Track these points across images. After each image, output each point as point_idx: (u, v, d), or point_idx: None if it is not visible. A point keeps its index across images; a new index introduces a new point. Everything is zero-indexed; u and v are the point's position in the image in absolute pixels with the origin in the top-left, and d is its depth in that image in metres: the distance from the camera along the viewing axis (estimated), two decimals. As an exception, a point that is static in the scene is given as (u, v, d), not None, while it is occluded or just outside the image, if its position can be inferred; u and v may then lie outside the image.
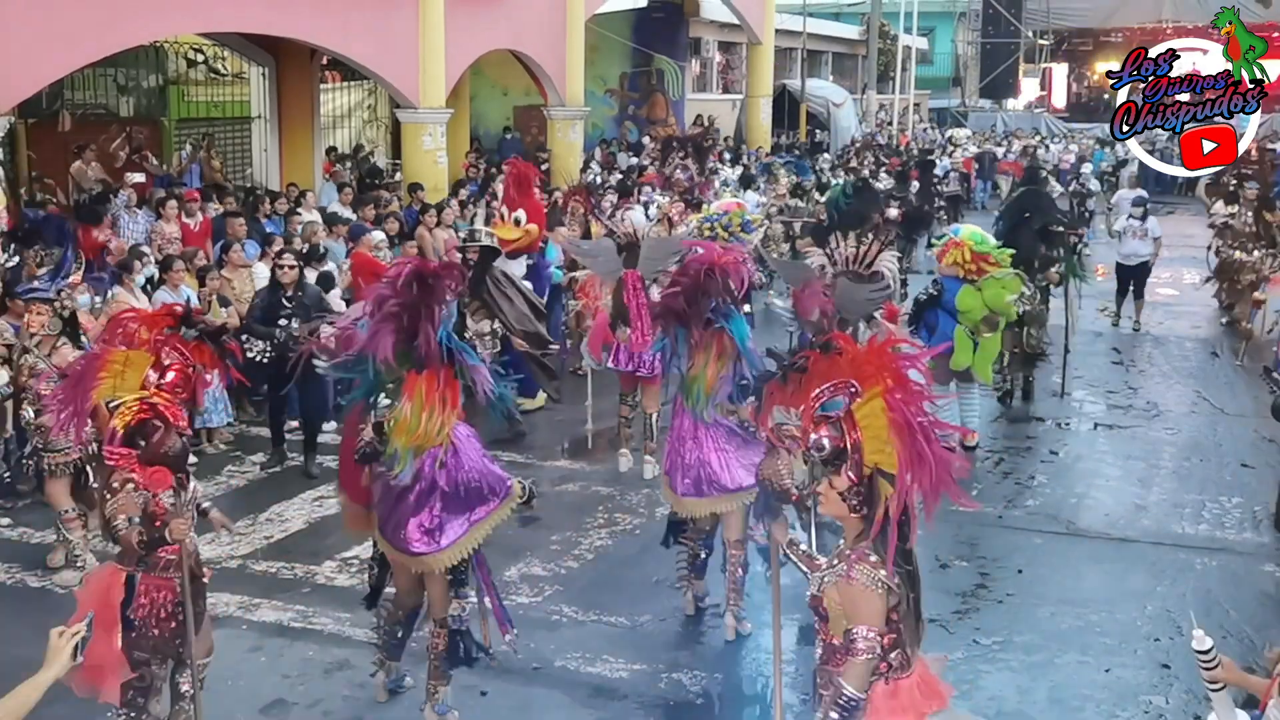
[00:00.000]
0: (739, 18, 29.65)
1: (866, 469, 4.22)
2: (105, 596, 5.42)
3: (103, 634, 5.26)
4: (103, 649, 5.28)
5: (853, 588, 4.22)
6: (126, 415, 5.32)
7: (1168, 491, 9.99)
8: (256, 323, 10.12)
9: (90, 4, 13.35)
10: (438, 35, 18.19)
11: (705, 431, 7.15)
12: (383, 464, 5.93)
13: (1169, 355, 15.03)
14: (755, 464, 6.39)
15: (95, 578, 5.69)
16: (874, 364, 4.25)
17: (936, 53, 51.16)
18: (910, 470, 4.13)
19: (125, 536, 5.30)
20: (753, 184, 21.00)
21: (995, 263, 10.65)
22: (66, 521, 8.04)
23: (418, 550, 5.96)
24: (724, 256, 7.30)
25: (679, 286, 7.18)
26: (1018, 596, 7.95)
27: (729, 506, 7.20)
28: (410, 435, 5.73)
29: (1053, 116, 44.14)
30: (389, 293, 5.72)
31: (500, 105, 27.59)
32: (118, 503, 5.31)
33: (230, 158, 21.40)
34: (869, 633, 4.20)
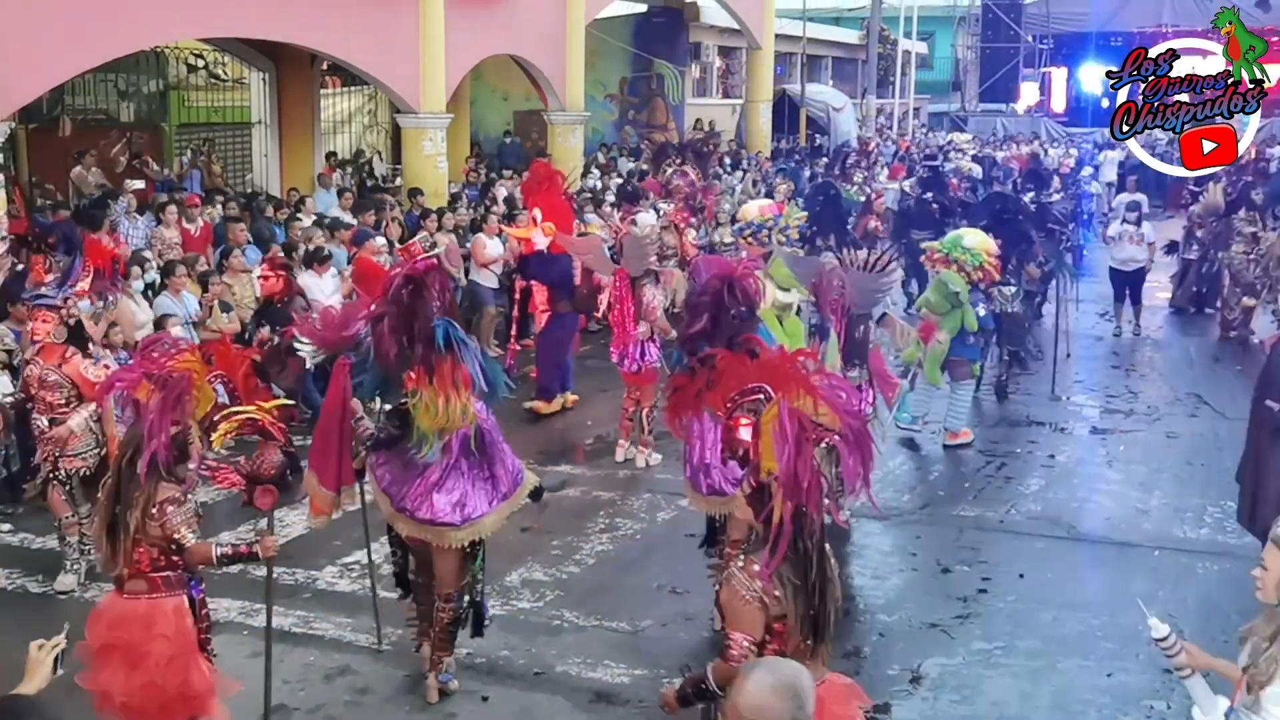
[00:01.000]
0: (739, 23, 29.65)
1: (763, 475, 4.24)
2: (178, 626, 5.35)
3: (192, 664, 5.33)
4: (196, 676, 5.34)
5: (731, 593, 4.23)
6: (230, 429, 5.37)
7: (1169, 496, 9.98)
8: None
9: (91, 10, 13.37)
10: (438, 40, 18.21)
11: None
12: (409, 446, 6.14)
13: (1170, 359, 15.02)
14: None
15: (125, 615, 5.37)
16: (784, 371, 4.32)
17: (936, 57, 51.14)
18: (782, 482, 4.14)
19: (198, 549, 5.31)
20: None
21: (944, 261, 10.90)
22: (67, 528, 8.04)
23: (444, 520, 6.18)
24: (737, 270, 7.40)
25: (701, 310, 7.25)
26: (1020, 601, 7.94)
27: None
28: (434, 419, 5.99)
29: (1052, 121, 44.10)
30: (382, 305, 6.07)
31: (500, 110, 27.61)
32: (179, 517, 5.30)
33: (231, 163, 21.42)
34: (744, 641, 4.19)
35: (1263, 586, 4.10)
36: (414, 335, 6.02)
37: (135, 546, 5.31)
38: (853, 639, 7.46)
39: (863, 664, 7.12)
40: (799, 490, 4.14)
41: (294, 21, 16.35)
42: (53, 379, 7.85)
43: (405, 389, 6.13)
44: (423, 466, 6.17)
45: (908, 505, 9.75)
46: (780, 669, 3.44)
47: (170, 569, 5.38)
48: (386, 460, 6.33)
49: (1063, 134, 40.88)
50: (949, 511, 9.65)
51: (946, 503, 9.87)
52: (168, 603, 5.37)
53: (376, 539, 7.29)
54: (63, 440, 7.86)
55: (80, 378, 7.84)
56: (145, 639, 5.31)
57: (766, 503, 4.21)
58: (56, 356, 7.89)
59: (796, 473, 4.12)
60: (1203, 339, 16.14)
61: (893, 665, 7.11)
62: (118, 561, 5.37)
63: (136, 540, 5.30)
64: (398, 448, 6.25)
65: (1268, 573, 4.08)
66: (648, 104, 29.82)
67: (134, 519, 5.27)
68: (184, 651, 5.36)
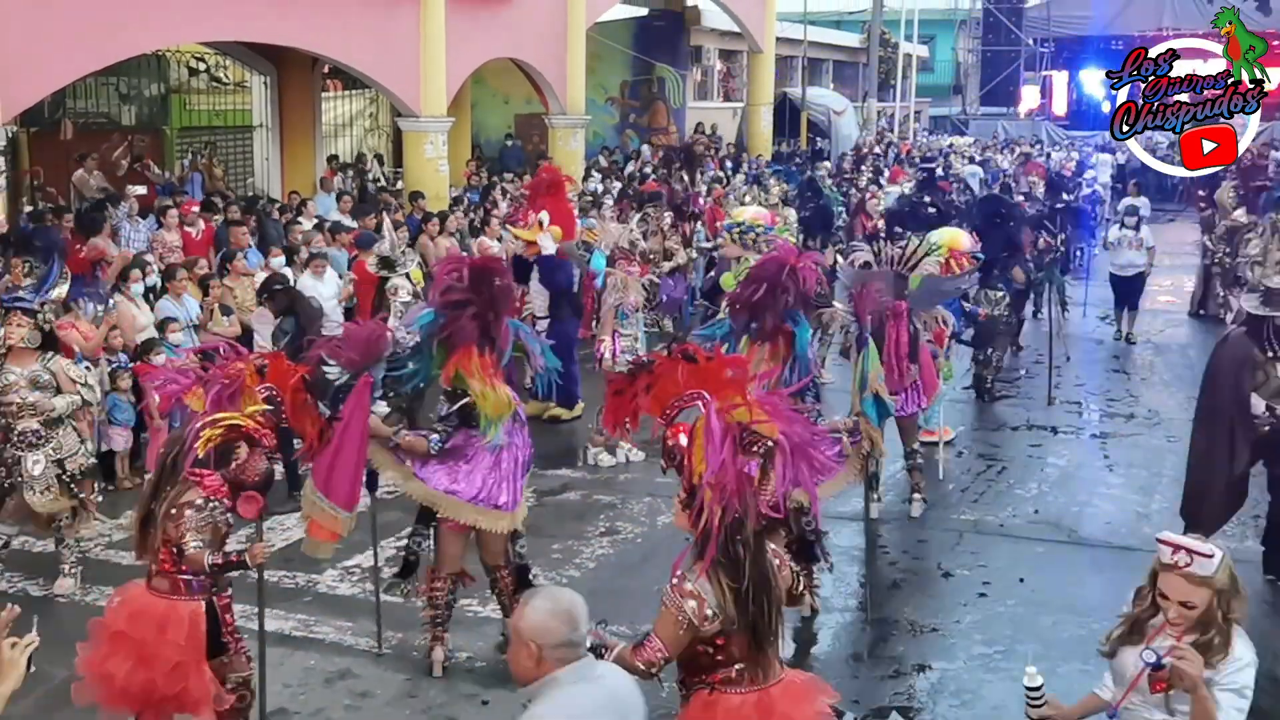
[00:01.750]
0: (740, 26, 29.68)
1: (695, 479, 4.25)
2: (191, 634, 5.39)
3: (193, 669, 5.36)
4: (196, 683, 5.37)
5: (664, 609, 4.26)
6: (213, 436, 5.38)
7: (1169, 500, 9.95)
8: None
9: (92, 13, 13.39)
10: (439, 44, 18.23)
11: None
12: (474, 434, 6.55)
13: (1170, 363, 15.02)
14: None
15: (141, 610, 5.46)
16: (721, 378, 4.37)
17: (937, 60, 51.13)
18: (711, 485, 4.15)
19: (197, 556, 5.30)
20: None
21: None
22: (66, 530, 8.06)
23: (503, 505, 6.63)
24: (801, 259, 7.50)
25: (759, 279, 7.38)
26: (1020, 605, 7.94)
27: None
28: (494, 406, 6.46)
29: (1054, 124, 44.10)
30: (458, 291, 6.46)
31: (501, 113, 27.61)
32: (193, 522, 5.34)
33: (232, 166, 21.44)
34: (661, 651, 4.25)
35: (1184, 622, 4.01)
36: (490, 324, 6.48)
37: (163, 545, 5.41)
38: (853, 643, 7.47)
39: (862, 668, 7.13)
40: (727, 494, 4.14)
41: (295, 25, 16.36)
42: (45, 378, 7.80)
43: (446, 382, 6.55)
44: (486, 457, 6.58)
45: (908, 509, 9.74)
46: (557, 595, 3.70)
47: (192, 573, 5.43)
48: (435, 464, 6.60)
49: (1064, 137, 40.86)
50: (949, 516, 9.65)
51: (946, 507, 9.87)
52: (185, 608, 5.43)
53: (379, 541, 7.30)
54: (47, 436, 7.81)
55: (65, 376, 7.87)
56: (157, 640, 5.36)
57: (699, 509, 4.21)
58: (28, 359, 7.77)
59: (725, 476, 4.13)
60: (1203, 342, 16.12)
61: (893, 669, 7.11)
62: (145, 552, 5.54)
63: (165, 538, 5.40)
64: (452, 445, 6.58)
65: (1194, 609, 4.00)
66: (649, 107, 29.83)
67: (161, 515, 5.41)
68: (190, 659, 5.39)
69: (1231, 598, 4.02)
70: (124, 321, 10.39)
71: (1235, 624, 4.04)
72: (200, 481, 5.38)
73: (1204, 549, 4.01)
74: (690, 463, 4.27)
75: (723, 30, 31.19)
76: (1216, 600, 4.00)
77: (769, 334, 7.34)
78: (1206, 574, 3.99)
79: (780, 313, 7.32)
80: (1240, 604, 4.06)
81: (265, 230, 14.11)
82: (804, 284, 7.36)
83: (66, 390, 7.88)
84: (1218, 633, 3.99)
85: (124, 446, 10.19)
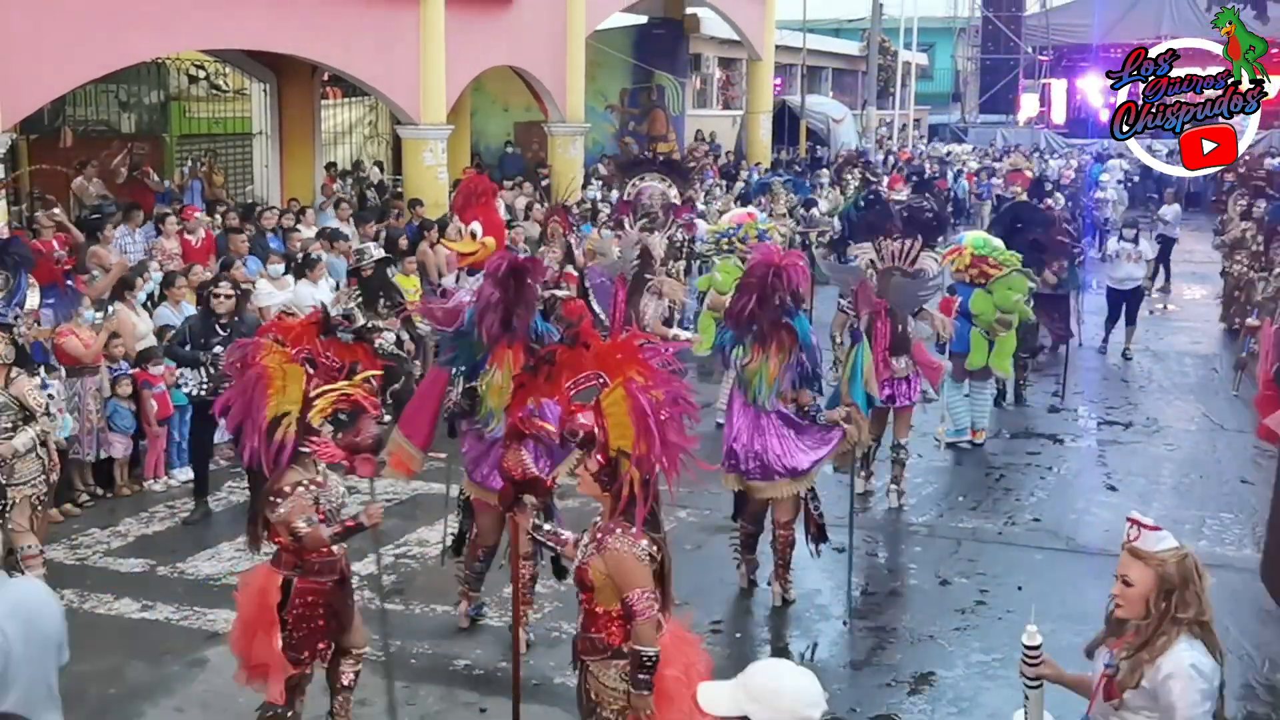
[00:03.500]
0: (739, 34, 29.73)
1: (611, 451, 4.65)
2: (262, 599, 5.64)
3: (264, 635, 5.59)
4: (265, 649, 5.60)
5: (617, 556, 4.61)
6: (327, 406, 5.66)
7: (1168, 507, 9.98)
8: (181, 348, 9.80)
9: (92, 21, 13.40)
10: (438, 51, 18.24)
11: (766, 420, 7.67)
12: (476, 421, 7.07)
13: (1169, 371, 15.02)
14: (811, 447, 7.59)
15: (251, 578, 5.84)
16: (619, 357, 4.73)
17: (936, 68, 51.25)
18: (642, 450, 4.56)
19: (314, 533, 5.53)
20: (751, 202, 20.93)
21: (996, 265, 11.15)
22: (26, 559, 7.62)
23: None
24: (784, 258, 7.69)
25: (747, 291, 7.63)
26: (1018, 613, 7.92)
27: (797, 489, 7.77)
28: (502, 397, 6.69)
29: (1052, 132, 44.17)
30: (490, 285, 6.87)
31: (501, 121, 27.65)
32: (293, 504, 5.54)
33: (231, 174, 21.44)
34: (644, 595, 4.60)
35: (1125, 603, 4.00)
36: (513, 318, 6.82)
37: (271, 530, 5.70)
38: (851, 650, 7.47)
39: (861, 675, 7.13)
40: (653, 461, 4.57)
41: (295, 33, 16.38)
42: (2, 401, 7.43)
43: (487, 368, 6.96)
44: (492, 443, 6.89)
45: (906, 517, 9.75)
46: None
47: (285, 550, 5.69)
48: (472, 432, 7.17)
49: (1063, 145, 40.93)
50: (947, 523, 9.66)
51: (945, 514, 9.88)
52: (264, 569, 5.76)
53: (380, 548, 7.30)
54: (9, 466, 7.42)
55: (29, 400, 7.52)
56: (240, 599, 5.80)
57: (616, 476, 4.63)
58: (0, 377, 7.48)
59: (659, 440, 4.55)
60: (1203, 350, 16.15)
61: (891, 676, 7.11)
62: (257, 547, 5.85)
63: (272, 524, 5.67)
64: (474, 430, 7.13)
65: (1132, 588, 4.00)
66: (648, 115, 29.85)
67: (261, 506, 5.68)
68: (258, 620, 5.65)
69: (1180, 594, 3.90)
70: (124, 329, 10.40)
71: (1185, 627, 3.90)
72: (318, 450, 5.66)
73: (1152, 524, 4.01)
74: (605, 436, 4.64)
75: (722, 38, 31.25)
76: (1160, 589, 3.92)
77: (770, 336, 7.60)
78: (1147, 549, 3.97)
79: (776, 316, 7.56)
80: (1193, 606, 3.91)
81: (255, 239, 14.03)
82: (792, 282, 7.58)
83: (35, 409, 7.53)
84: (1158, 630, 3.91)
85: (123, 453, 10.19)
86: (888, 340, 9.02)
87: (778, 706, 3.15)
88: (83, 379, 9.79)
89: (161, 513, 9.82)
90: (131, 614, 7.87)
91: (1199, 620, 3.93)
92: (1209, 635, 3.95)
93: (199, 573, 8.54)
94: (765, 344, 7.60)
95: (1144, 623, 3.96)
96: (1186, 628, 3.91)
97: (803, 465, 7.66)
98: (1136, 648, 3.96)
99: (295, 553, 5.62)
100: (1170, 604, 3.91)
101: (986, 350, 11.18)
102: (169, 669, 7.11)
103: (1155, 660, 3.88)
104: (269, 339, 5.80)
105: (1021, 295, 11.24)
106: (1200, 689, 3.84)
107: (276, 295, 12.11)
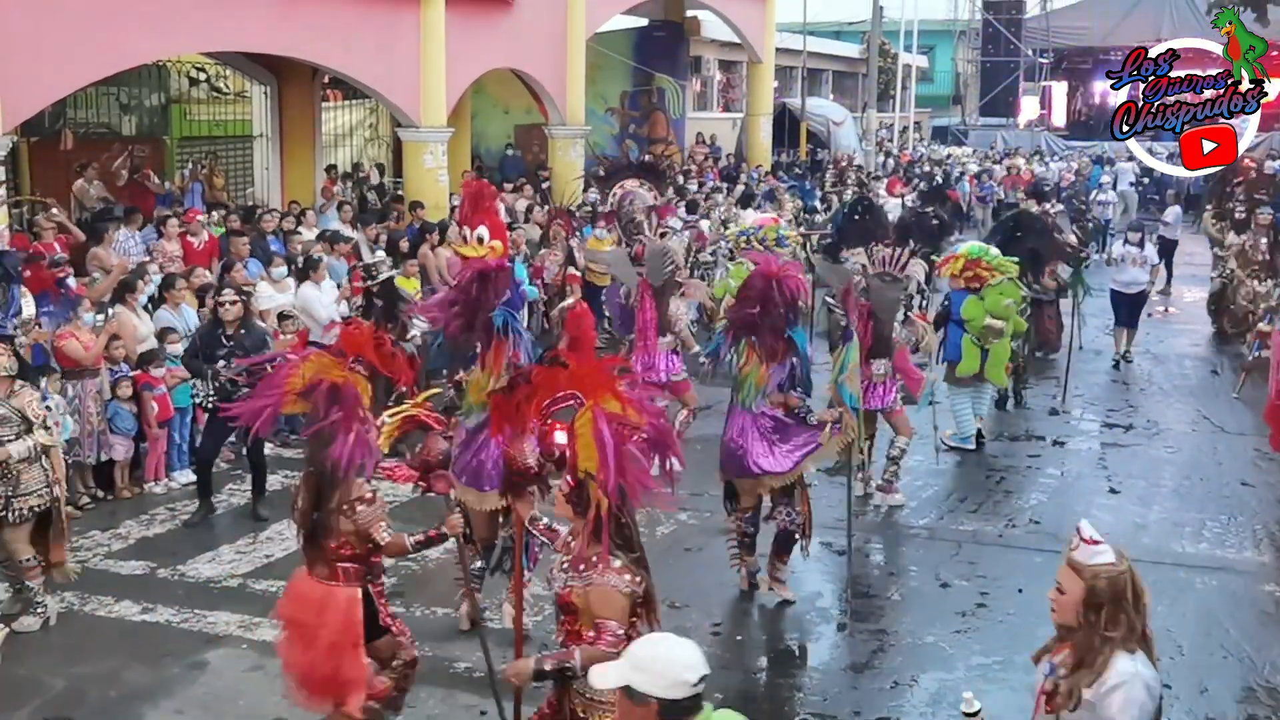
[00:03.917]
0: (739, 36, 29.72)
1: (580, 473, 4.60)
2: (347, 616, 5.65)
3: (353, 652, 5.61)
4: (355, 666, 5.62)
5: (602, 592, 4.55)
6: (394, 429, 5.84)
7: (1168, 510, 9.99)
8: (193, 359, 9.82)
9: (93, 23, 13.41)
10: (439, 54, 18.25)
11: (752, 421, 7.79)
12: (459, 412, 7.18)
13: (1169, 373, 15.02)
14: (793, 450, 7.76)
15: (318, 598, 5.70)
16: (594, 379, 4.72)
17: (937, 71, 51.22)
18: (603, 475, 4.52)
19: (397, 541, 5.66)
20: (752, 202, 20.93)
21: (989, 268, 11.25)
22: (27, 572, 7.58)
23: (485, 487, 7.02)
24: (783, 269, 7.78)
25: (751, 300, 7.73)
26: (1018, 616, 7.93)
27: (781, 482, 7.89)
28: (480, 392, 6.85)
29: (1053, 135, 44.17)
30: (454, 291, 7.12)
31: (501, 124, 27.65)
32: (372, 514, 5.62)
33: (232, 176, 21.45)
34: (617, 629, 4.53)
35: (1058, 609, 3.99)
36: (475, 320, 6.94)
37: (341, 536, 5.64)
38: (851, 653, 7.47)
39: (861, 678, 7.13)
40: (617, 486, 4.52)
41: (295, 35, 16.39)
42: (1, 412, 7.38)
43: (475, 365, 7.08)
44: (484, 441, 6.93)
45: (906, 520, 9.75)
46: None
47: (353, 561, 5.68)
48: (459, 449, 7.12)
49: (1063, 148, 40.94)
50: (947, 526, 9.66)
51: (945, 517, 9.88)
52: (342, 593, 5.67)
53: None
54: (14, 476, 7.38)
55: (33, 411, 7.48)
56: (316, 622, 5.65)
57: (585, 499, 4.58)
58: (4, 389, 7.42)
59: (615, 471, 4.50)
60: (1203, 353, 16.15)
61: (892, 679, 7.11)
62: (318, 561, 5.71)
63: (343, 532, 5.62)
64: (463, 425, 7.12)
65: (1064, 595, 3.98)
66: (648, 118, 29.86)
67: (333, 519, 5.60)
68: (345, 641, 5.63)
69: (1109, 610, 3.87)
70: (125, 331, 10.41)
71: (1118, 644, 3.85)
72: (392, 474, 5.80)
73: (1092, 536, 3.99)
74: (574, 458, 4.62)
75: (722, 41, 31.24)
76: (1088, 602, 3.89)
77: (767, 346, 7.69)
78: (1081, 560, 3.96)
79: (777, 326, 7.65)
80: (1122, 625, 3.86)
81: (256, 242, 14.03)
82: (791, 293, 7.66)
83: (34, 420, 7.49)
84: (1089, 649, 3.88)
85: (124, 456, 10.19)
86: (868, 343, 9.11)
87: (655, 671, 3.34)
88: (83, 381, 9.80)
89: (162, 515, 9.82)
90: (132, 616, 7.87)
91: (1138, 636, 3.89)
92: (1147, 646, 3.92)
93: (200, 575, 8.54)
94: (760, 351, 7.71)
95: (1080, 638, 3.92)
96: (1121, 644, 3.87)
97: (783, 468, 7.80)
98: (1073, 668, 3.92)
99: (363, 561, 5.64)
100: (1099, 619, 3.88)
101: (979, 358, 11.23)
102: (169, 671, 7.10)
103: (1093, 682, 3.84)
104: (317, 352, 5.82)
105: (1014, 302, 11.30)
106: (1141, 702, 3.82)
107: (277, 298, 12.13)
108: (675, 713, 3.32)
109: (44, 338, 9.71)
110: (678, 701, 3.31)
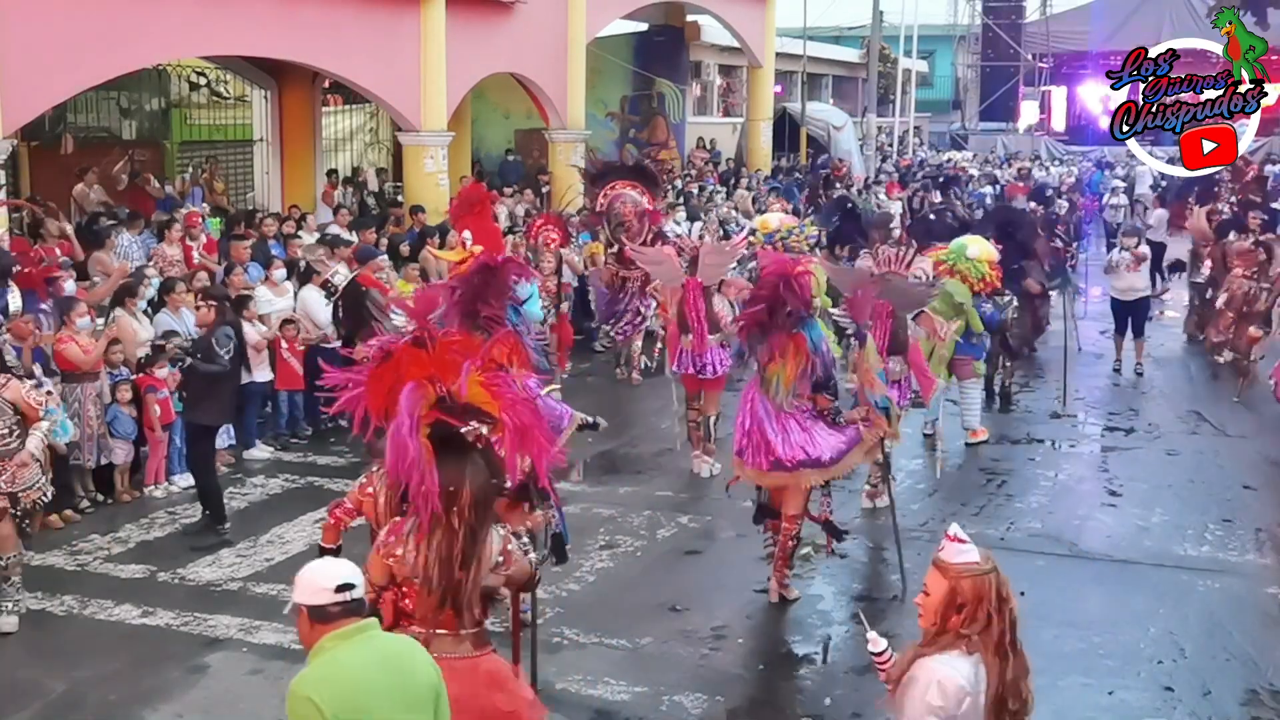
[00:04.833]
0: (739, 41, 29.74)
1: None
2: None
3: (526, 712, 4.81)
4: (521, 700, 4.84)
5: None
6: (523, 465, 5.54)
7: (1170, 513, 9.96)
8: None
9: (93, 28, 13.41)
10: (439, 58, 18.26)
11: (786, 415, 7.74)
12: None
13: (1170, 376, 14.98)
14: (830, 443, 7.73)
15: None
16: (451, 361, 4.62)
17: (937, 75, 51.28)
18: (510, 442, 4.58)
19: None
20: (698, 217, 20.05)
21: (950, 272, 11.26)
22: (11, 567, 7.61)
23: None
24: (794, 267, 7.84)
25: (759, 300, 7.77)
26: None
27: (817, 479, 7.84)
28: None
29: (1052, 139, 44.22)
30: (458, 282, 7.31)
31: (501, 128, 27.65)
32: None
33: (232, 181, 21.45)
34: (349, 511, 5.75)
35: (924, 612, 3.96)
36: (477, 311, 7.10)
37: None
38: (851, 657, 7.44)
39: (863, 680, 7.10)
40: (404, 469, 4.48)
41: (296, 40, 16.40)
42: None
43: None
44: None
45: (907, 523, 9.72)
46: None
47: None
48: None
49: (1063, 152, 40.99)
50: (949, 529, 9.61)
51: (947, 520, 9.83)
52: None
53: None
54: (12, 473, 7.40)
55: (25, 403, 7.48)
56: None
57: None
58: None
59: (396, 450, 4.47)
60: (1203, 357, 16.12)
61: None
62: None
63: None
64: None
65: (929, 597, 3.94)
66: (648, 122, 29.85)
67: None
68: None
69: (970, 610, 3.85)
70: (125, 335, 10.40)
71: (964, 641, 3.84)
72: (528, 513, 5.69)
73: (958, 535, 4.00)
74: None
75: (722, 45, 31.27)
76: (950, 601, 3.86)
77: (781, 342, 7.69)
78: (946, 559, 3.95)
79: (788, 325, 7.66)
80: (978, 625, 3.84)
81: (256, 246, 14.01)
82: (803, 291, 7.69)
83: (28, 415, 7.49)
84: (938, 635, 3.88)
85: (124, 459, 10.18)
86: (886, 342, 9.12)
87: (303, 582, 3.96)
88: (82, 385, 9.79)
89: (162, 519, 9.80)
90: (132, 620, 7.85)
91: (995, 643, 3.86)
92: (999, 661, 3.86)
93: (200, 578, 8.52)
94: (778, 350, 7.71)
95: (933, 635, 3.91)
96: (966, 642, 3.84)
97: (825, 455, 7.75)
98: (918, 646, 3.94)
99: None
100: (960, 618, 3.86)
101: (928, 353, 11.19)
102: (169, 675, 7.08)
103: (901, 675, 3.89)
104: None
105: (965, 300, 11.16)
106: (934, 705, 3.80)
107: (277, 302, 12.11)
108: (319, 616, 3.87)
109: (45, 341, 9.70)
110: (319, 606, 3.86)
